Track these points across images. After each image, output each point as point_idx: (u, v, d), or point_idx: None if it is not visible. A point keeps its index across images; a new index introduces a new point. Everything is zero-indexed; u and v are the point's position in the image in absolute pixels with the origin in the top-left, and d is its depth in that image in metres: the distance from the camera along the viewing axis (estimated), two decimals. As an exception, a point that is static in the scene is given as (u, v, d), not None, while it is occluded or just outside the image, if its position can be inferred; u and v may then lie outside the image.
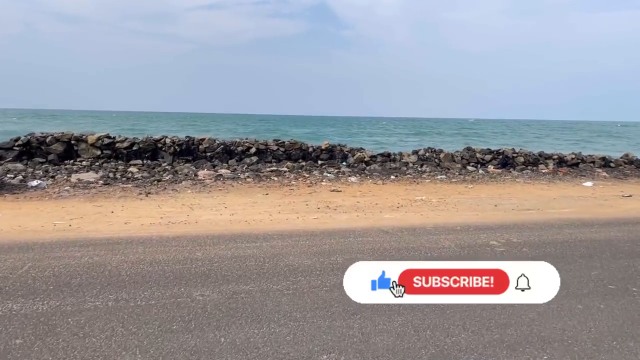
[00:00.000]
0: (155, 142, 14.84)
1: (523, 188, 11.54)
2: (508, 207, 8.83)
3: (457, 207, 8.76)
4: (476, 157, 17.14)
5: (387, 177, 12.97)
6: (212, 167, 13.97)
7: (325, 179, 12.44)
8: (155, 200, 8.87)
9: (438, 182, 12.29)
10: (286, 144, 15.70)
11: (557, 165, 17.43)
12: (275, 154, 15.47)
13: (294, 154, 15.65)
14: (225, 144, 15.28)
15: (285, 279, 4.53)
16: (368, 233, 6.48)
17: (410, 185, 11.70)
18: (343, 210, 8.15)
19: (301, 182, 11.78)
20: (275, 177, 12.57)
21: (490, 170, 14.98)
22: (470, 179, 12.86)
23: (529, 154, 17.54)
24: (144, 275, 4.55)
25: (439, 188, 11.37)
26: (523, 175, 13.94)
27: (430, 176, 13.32)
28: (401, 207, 8.57)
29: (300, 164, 15.02)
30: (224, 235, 6.18)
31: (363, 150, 16.62)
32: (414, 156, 16.81)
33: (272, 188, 10.93)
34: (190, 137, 15.31)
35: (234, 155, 15.24)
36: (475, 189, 11.25)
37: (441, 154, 16.99)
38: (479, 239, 6.29)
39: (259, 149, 15.43)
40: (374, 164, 15.98)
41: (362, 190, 10.87)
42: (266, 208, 8.27)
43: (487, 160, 17.17)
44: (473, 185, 11.89)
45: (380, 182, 12.18)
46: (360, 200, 9.36)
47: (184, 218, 7.27)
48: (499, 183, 12.33)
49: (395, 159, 16.41)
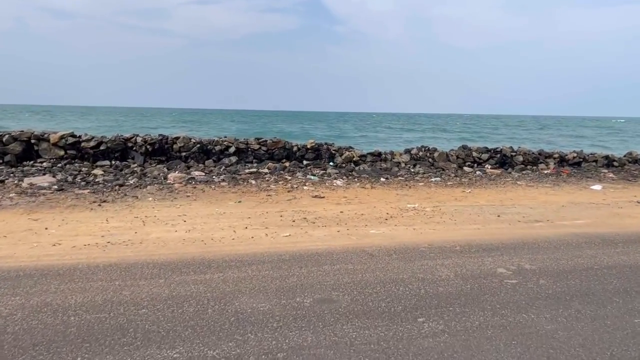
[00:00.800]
0: (125, 141, 13.53)
1: (526, 192, 10.36)
2: (513, 218, 7.63)
3: (454, 217, 7.56)
4: (472, 156, 15.98)
5: (376, 180, 11.75)
6: (186, 169, 12.70)
7: (309, 182, 11.21)
8: (107, 211, 7.60)
9: (432, 186, 11.09)
10: (269, 143, 14.43)
11: (558, 165, 16.30)
12: (256, 154, 14.21)
13: (277, 153, 14.39)
14: (202, 143, 13.99)
15: (229, 337, 3.30)
16: (349, 257, 5.25)
17: (401, 190, 10.49)
18: (322, 224, 6.92)
19: (281, 187, 10.54)
20: (253, 180, 11.32)
21: (488, 171, 13.79)
22: (467, 182, 11.67)
23: (528, 153, 16.39)
24: (32, 334, 3.30)
25: (433, 193, 10.17)
26: (524, 176, 12.76)
27: (424, 178, 12.12)
28: (390, 219, 7.35)
29: (284, 164, 13.78)
30: (168, 263, 4.93)
31: (352, 149, 15.39)
32: (406, 155, 15.60)
33: (248, 194, 9.68)
34: (164, 136, 14.01)
35: (211, 155, 13.97)
36: (473, 194, 10.06)
37: (435, 152, 15.80)
38: (484, 264, 5.09)
39: (239, 149, 14.16)
40: (363, 164, 14.77)
41: (348, 195, 9.65)
42: (233, 221, 7.02)
43: (484, 160, 16.01)
44: (471, 189, 10.70)
45: (369, 185, 10.96)
46: (344, 209, 8.13)
47: (129, 236, 6.01)
48: (499, 186, 11.14)
49: (386, 158, 15.20)
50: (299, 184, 10.80)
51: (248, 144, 14.33)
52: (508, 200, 9.34)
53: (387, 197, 9.59)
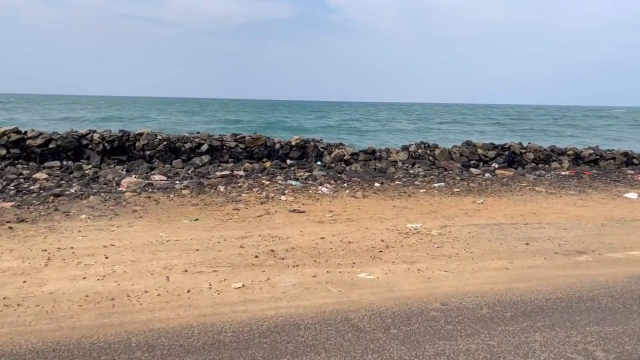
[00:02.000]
0: (79, 137, 11.56)
1: (549, 203, 8.50)
2: (546, 247, 5.77)
3: (470, 247, 5.69)
4: (478, 153, 14.11)
5: (369, 185, 9.87)
6: (148, 171, 10.76)
7: (289, 188, 9.32)
8: (14, 238, 5.70)
9: (436, 193, 9.22)
10: (247, 140, 12.50)
11: (573, 163, 14.46)
12: (233, 152, 12.27)
13: (257, 152, 12.46)
14: (169, 140, 12.04)
15: None
16: (323, 336, 3.38)
17: (399, 199, 8.62)
18: (294, 261, 5.04)
19: (255, 195, 8.65)
20: (223, 186, 9.42)
21: (498, 172, 11.92)
22: (476, 188, 9.80)
23: (539, 150, 14.54)
24: None
25: (438, 204, 8.30)
26: (541, 180, 10.90)
27: (425, 183, 10.24)
28: (386, 250, 5.47)
29: (263, 165, 11.86)
30: (31, 354, 3.05)
31: (342, 146, 13.47)
32: (403, 153, 13.71)
33: (211, 207, 7.79)
34: (125, 132, 12.05)
35: (180, 154, 12.03)
36: (487, 206, 8.20)
37: (436, 150, 13.91)
38: (532, 350, 3.23)
39: (213, 146, 12.23)
40: (355, 163, 12.88)
41: (334, 209, 7.77)
42: (174, 256, 5.13)
43: (491, 158, 14.15)
44: (482, 198, 8.83)
45: (361, 192, 9.08)
46: (327, 232, 6.25)
47: (9, 291, 4.11)
48: (514, 194, 9.28)
49: (381, 156, 13.30)
50: (277, 192, 8.90)
51: (223, 141, 12.39)
52: (531, 216, 7.48)
53: (382, 210, 7.72)
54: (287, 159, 12.65)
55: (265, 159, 12.45)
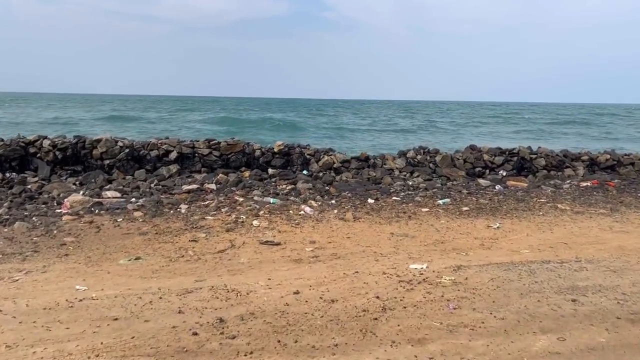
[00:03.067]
0: (26, 145, 9.88)
1: (580, 227, 6.93)
2: (602, 306, 4.18)
3: (498, 307, 4.10)
4: (483, 159, 12.53)
5: (362, 202, 8.27)
6: (104, 184, 9.11)
7: (266, 207, 7.71)
8: None
9: (441, 213, 7.63)
10: (222, 146, 10.85)
11: (588, 169, 12.92)
12: (206, 161, 10.63)
13: (235, 160, 10.83)
14: (132, 147, 10.37)
15: None
16: None
17: (398, 223, 7.03)
18: (247, 343, 3.42)
19: (222, 218, 7.04)
20: (187, 204, 7.80)
21: (510, 183, 10.33)
22: (488, 205, 8.21)
23: (550, 155, 12.98)
24: None
25: (445, 229, 6.72)
26: (561, 194, 9.32)
27: (428, 198, 8.65)
28: (383, 319, 3.85)
29: (242, 174, 10.24)
30: None
31: (332, 152, 11.85)
32: (400, 160, 12.11)
33: (163, 236, 6.19)
34: (80, 138, 10.38)
35: (144, 163, 10.37)
36: (505, 232, 6.62)
37: (437, 156, 12.33)
38: None
39: (183, 154, 10.57)
40: (346, 171, 11.26)
41: (318, 238, 6.18)
42: (74, 335, 3.50)
43: (498, 164, 12.59)
44: (498, 220, 7.26)
45: (351, 213, 7.48)
46: (305, 281, 4.65)
47: None
48: (535, 213, 7.70)
49: (375, 164, 11.69)
50: (250, 214, 7.29)
51: (195, 147, 10.74)
52: (563, 248, 5.91)
53: (378, 240, 6.12)
54: (268, 167, 11.03)
55: (243, 168, 10.82)
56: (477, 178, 12.05)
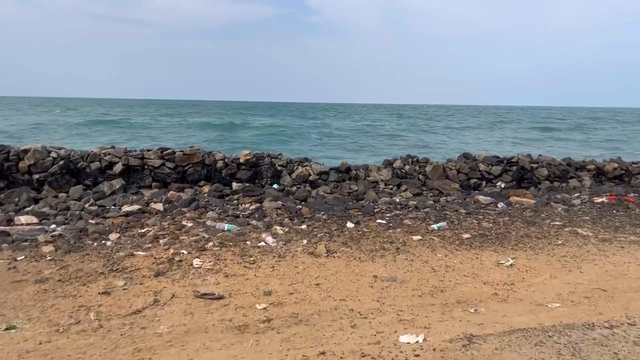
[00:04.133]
0: None
1: (617, 265, 5.40)
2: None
3: None
4: (479, 169, 11.02)
5: (340, 227, 6.66)
6: (28, 204, 7.40)
7: (218, 236, 6.05)
8: None
9: (437, 242, 6.05)
10: (177, 157, 9.15)
11: (595, 180, 11.50)
12: (158, 174, 8.93)
13: (192, 172, 9.13)
14: (68, 158, 8.63)
15: None
16: None
17: (383, 258, 5.43)
18: None
19: (155, 256, 5.37)
20: (119, 233, 6.12)
21: (513, 198, 8.80)
22: (493, 229, 6.66)
23: (553, 164, 11.52)
24: None
25: (444, 268, 5.14)
26: (577, 213, 7.80)
27: (419, 221, 7.07)
28: None
29: (199, 191, 8.58)
30: None
31: (308, 163, 10.22)
32: (386, 171, 10.53)
33: (66, 286, 4.51)
34: (3, 148, 8.61)
35: (83, 177, 8.63)
36: (521, 273, 5.06)
37: (427, 166, 10.77)
38: None
39: (130, 166, 8.86)
40: (324, 184, 9.65)
41: (276, 287, 4.55)
42: None
43: (496, 175, 11.09)
44: (509, 253, 5.70)
45: (324, 244, 5.85)
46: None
47: None
48: (552, 242, 6.16)
49: (357, 176, 10.09)
50: (193, 247, 5.63)
51: (144, 158, 9.03)
52: (604, 298, 4.37)
53: (356, 289, 4.52)
54: (233, 181, 9.37)
55: (202, 183, 9.14)
56: (473, 191, 10.56)
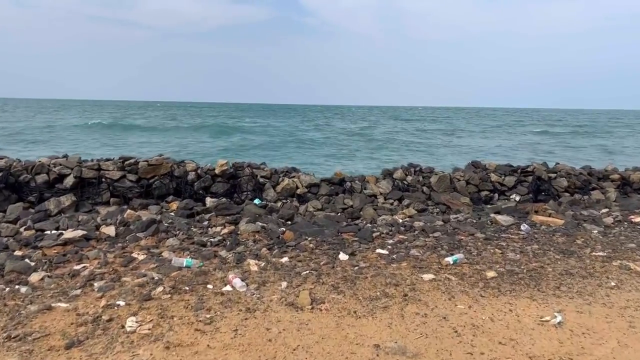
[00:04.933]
0: None
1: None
2: None
3: None
4: (491, 180, 9.64)
5: (330, 260, 5.25)
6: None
7: (172, 275, 4.63)
8: None
9: (454, 284, 4.65)
10: (141, 168, 7.73)
11: (620, 191, 10.16)
12: (118, 188, 7.48)
13: (159, 186, 7.70)
14: (8, 170, 7.19)
15: None
16: None
17: (386, 312, 4.02)
18: None
19: (82, 307, 3.94)
20: (45, 270, 4.68)
21: (536, 218, 7.40)
22: (523, 264, 5.26)
23: (572, 173, 10.16)
24: None
25: (470, 329, 3.74)
26: (617, 237, 6.43)
27: (429, 251, 5.67)
28: None
29: (165, 209, 7.16)
30: None
31: (295, 173, 8.81)
32: (385, 182, 9.13)
33: None
34: None
35: (26, 192, 7.17)
36: (578, 338, 3.68)
37: (432, 176, 9.39)
38: None
39: (84, 179, 7.41)
40: (314, 199, 8.25)
41: (235, 368, 3.13)
42: None
43: (510, 186, 9.73)
44: (552, 303, 4.31)
45: (308, 288, 4.44)
46: None
47: None
48: (602, 284, 4.78)
49: (353, 189, 8.69)
50: (136, 294, 4.21)
51: (101, 169, 7.59)
52: None
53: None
54: (207, 195, 7.95)
55: (171, 198, 7.72)
56: (484, 205, 9.20)
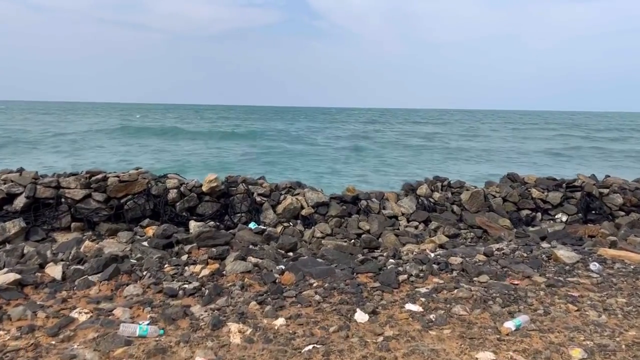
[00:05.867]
0: None
1: None
2: None
3: None
4: (532, 196, 8.06)
5: (344, 320, 3.73)
6: None
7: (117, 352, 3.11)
8: None
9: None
10: (111, 186, 6.25)
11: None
12: (81, 210, 6.02)
13: (133, 207, 6.22)
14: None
15: None
16: None
17: None
18: None
19: None
20: None
21: (606, 252, 5.77)
22: (614, 330, 3.70)
23: (626, 188, 8.53)
24: None
25: None
26: None
27: (477, 305, 4.12)
28: None
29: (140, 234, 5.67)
30: None
31: (301, 189, 7.32)
32: (408, 200, 7.61)
33: None
34: None
35: (-35, 218, 5.69)
36: None
37: (463, 192, 7.84)
38: None
39: (39, 199, 5.95)
40: (322, 221, 6.75)
41: None
42: None
43: (554, 204, 8.14)
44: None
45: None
46: None
47: None
48: None
49: (369, 208, 7.17)
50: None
51: (61, 187, 6.14)
52: None
53: None
54: (192, 217, 6.48)
55: (147, 222, 6.26)
56: (526, 227, 7.64)
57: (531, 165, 21.19)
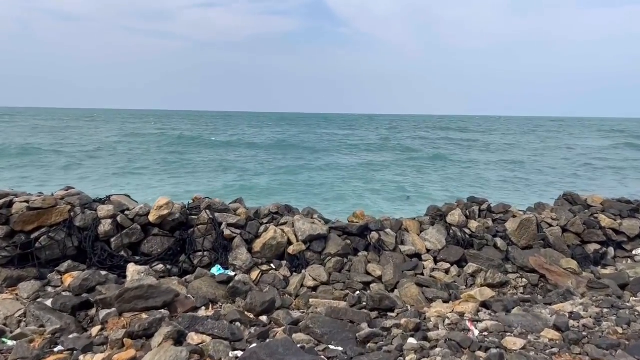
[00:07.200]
0: None
1: None
2: None
3: None
4: (600, 225, 5.93)
5: None
6: None
7: None
8: None
9: None
10: (17, 215, 4.37)
11: None
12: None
13: (48, 245, 4.32)
14: None
15: None
16: None
17: None
18: None
19: None
20: None
21: None
22: None
23: None
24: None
25: None
26: None
27: None
28: None
29: (54, 283, 3.76)
30: None
31: (289, 215, 5.36)
32: (435, 231, 5.58)
33: None
34: None
35: None
36: None
37: (509, 220, 5.77)
38: None
39: None
40: (317, 261, 4.77)
41: None
42: None
43: (631, 236, 6.00)
44: None
45: None
46: None
47: None
48: None
49: (381, 243, 5.16)
50: None
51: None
52: None
53: None
54: (134, 257, 4.60)
55: (67, 265, 4.40)
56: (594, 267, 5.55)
57: (574, 179, 17.77)
